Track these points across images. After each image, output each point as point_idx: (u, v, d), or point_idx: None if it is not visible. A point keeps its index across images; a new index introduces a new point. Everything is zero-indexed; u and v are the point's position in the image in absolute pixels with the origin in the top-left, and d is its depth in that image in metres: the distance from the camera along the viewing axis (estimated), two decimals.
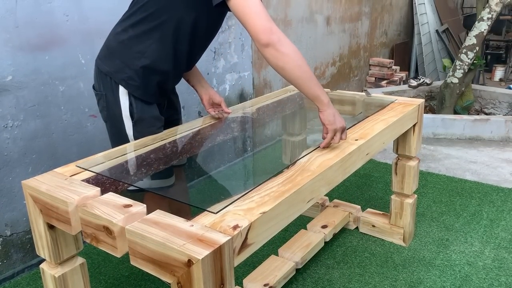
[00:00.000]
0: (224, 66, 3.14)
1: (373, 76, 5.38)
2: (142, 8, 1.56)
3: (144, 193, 1.43)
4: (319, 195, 1.41)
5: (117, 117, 1.64)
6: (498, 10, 3.90)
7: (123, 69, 1.58)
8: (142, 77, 1.59)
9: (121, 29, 1.60)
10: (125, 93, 1.60)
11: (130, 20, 1.58)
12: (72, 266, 1.37)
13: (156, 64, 1.59)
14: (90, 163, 1.45)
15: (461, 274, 2.03)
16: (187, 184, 2.12)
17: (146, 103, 1.63)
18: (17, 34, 1.96)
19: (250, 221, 1.09)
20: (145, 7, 1.55)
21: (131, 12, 1.59)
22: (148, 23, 1.56)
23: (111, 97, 1.62)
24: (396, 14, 5.95)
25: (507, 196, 2.74)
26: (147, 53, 1.57)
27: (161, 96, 1.71)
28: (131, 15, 1.59)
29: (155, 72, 1.60)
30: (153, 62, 1.58)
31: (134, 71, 1.58)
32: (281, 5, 3.64)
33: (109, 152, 1.56)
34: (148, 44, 1.56)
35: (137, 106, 1.61)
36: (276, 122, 2.46)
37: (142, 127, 1.64)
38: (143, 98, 1.62)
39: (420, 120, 2.09)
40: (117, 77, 1.59)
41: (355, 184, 2.93)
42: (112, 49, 1.62)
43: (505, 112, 4.38)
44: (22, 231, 2.14)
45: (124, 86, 1.59)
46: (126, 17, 1.62)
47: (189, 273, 0.96)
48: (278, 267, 1.94)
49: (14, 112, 2.01)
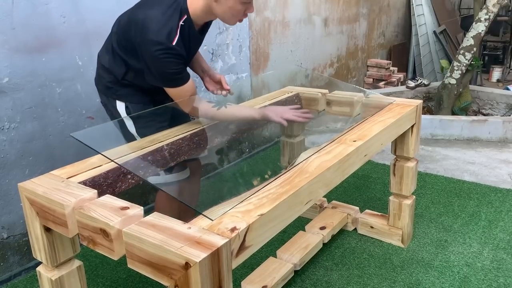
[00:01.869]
0: (222, 68, 3.14)
1: (371, 77, 5.38)
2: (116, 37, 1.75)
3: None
4: (317, 196, 1.40)
5: (120, 121, 1.81)
6: (495, 11, 3.91)
7: (111, 87, 1.79)
8: (126, 88, 1.78)
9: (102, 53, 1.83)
10: (121, 102, 1.80)
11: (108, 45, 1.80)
12: (69, 269, 1.36)
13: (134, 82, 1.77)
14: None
15: (460, 275, 2.02)
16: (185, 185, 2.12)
17: (141, 105, 1.79)
18: (14, 36, 1.96)
19: (248, 223, 1.09)
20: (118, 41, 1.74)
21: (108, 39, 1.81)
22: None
23: (110, 106, 1.83)
24: (394, 15, 5.96)
25: (505, 197, 2.74)
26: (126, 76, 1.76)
27: (158, 95, 1.79)
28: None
29: (133, 84, 1.77)
30: (132, 82, 1.77)
31: (120, 86, 1.78)
32: (279, 6, 3.64)
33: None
34: (124, 70, 1.75)
35: (132, 107, 1.78)
36: (274, 124, 2.46)
37: (142, 123, 1.78)
38: (137, 102, 1.79)
39: (418, 121, 2.09)
40: (108, 93, 1.81)
41: (354, 186, 2.93)
42: (98, 72, 1.84)
43: (502, 113, 4.39)
44: (19, 233, 2.13)
45: (117, 99, 1.80)
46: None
47: (186, 276, 0.96)
48: (277, 269, 1.93)
49: (10, 114, 2.00)
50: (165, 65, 1.59)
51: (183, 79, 1.67)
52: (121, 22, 1.72)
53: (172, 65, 1.60)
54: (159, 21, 1.57)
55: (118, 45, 1.72)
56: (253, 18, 3.38)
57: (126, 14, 1.73)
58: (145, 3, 1.68)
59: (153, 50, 1.56)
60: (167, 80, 1.65)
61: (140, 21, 1.59)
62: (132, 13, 1.68)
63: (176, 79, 1.65)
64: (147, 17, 1.58)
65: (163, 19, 1.58)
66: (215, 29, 2.95)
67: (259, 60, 3.54)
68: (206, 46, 2.94)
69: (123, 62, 1.73)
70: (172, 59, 1.59)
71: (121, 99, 1.79)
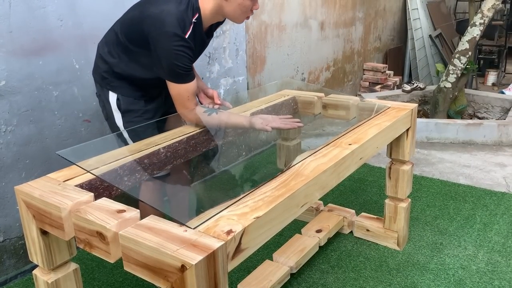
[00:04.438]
0: (219, 71, 3.15)
1: (367, 81, 5.40)
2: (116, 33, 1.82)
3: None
4: (313, 199, 1.41)
5: (110, 113, 1.89)
6: (490, 15, 3.94)
7: (106, 78, 1.85)
8: (120, 80, 1.84)
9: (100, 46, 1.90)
10: (114, 93, 1.86)
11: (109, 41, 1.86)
12: (65, 272, 1.36)
13: (126, 73, 1.83)
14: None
15: (455, 278, 2.03)
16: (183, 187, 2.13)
17: (132, 98, 1.85)
18: (11, 39, 1.96)
19: (244, 226, 1.09)
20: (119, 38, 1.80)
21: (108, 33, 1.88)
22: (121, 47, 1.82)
23: (103, 97, 1.89)
24: (390, 19, 5.99)
25: (500, 200, 2.76)
26: (119, 66, 1.83)
27: (153, 89, 1.87)
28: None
29: (128, 77, 1.83)
30: (124, 72, 1.83)
31: (114, 77, 1.84)
32: (276, 10, 3.66)
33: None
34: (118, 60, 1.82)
35: (123, 100, 1.84)
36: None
37: (130, 118, 1.86)
38: (128, 95, 1.84)
39: (413, 124, 2.10)
40: (102, 83, 1.87)
41: (350, 189, 2.94)
42: (96, 62, 1.90)
43: (497, 117, 4.41)
44: (15, 236, 2.12)
45: (110, 89, 1.85)
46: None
47: (182, 279, 0.96)
48: (273, 272, 1.94)
49: (7, 117, 2.00)
50: (178, 58, 1.66)
51: (189, 76, 1.73)
52: (131, 17, 1.78)
53: (184, 60, 1.67)
54: (175, 15, 1.64)
55: (127, 39, 1.77)
56: (250, 21, 3.40)
57: (136, 9, 1.79)
58: (157, 0, 1.73)
59: (169, 42, 1.63)
60: (175, 74, 1.70)
61: (156, 15, 1.66)
62: (145, 8, 1.73)
63: (183, 75, 1.71)
64: (163, 11, 1.65)
65: (179, 12, 1.66)
66: None
67: (256, 63, 3.56)
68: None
69: (122, 54, 1.80)
70: (185, 53, 1.66)
71: (114, 90, 1.85)
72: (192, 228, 1.08)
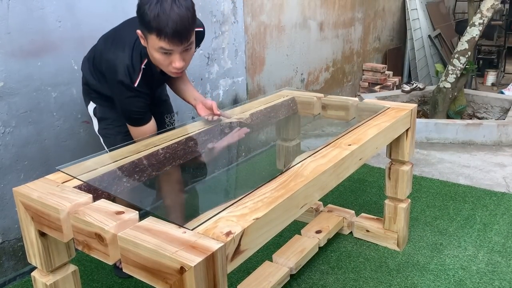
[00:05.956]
0: (218, 72, 3.14)
1: (367, 81, 5.40)
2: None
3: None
4: (313, 200, 1.40)
5: (89, 118, 2.01)
6: (489, 15, 3.93)
7: (87, 89, 1.97)
8: (97, 94, 1.94)
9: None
10: (93, 103, 1.97)
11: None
12: (64, 274, 1.36)
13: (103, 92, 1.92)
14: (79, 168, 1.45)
15: (455, 279, 2.03)
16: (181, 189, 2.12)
17: (108, 109, 1.93)
18: (9, 40, 1.96)
19: (243, 227, 1.09)
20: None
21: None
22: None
23: (85, 104, 2.02)
24: (389, 19, 5.99)
25: (500, 200, 2.75)
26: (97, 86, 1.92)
27: None
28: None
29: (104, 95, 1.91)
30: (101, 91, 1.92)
31: (92, 90, 1.95)
32: (275, 11, 3.66)
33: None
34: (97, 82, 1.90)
35: (99, 109, 1.95)
36: (270, 127, 2.46)
37: (106, 125, 1.96)
38: (104, 106, 1.94)
39: (413, 125, 2.10)
40: (85, 93, 2.00)
41: (349, 189, 2.93)
42: (83, 71, 1.99)
43: (497, 117, 4.41)
44: (14, 238, 2.12)
45: (90, 100, 1.97)
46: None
47: (181, 280, 0.96)
48: (272, 273, 1.93)
49: (6, 118, 2.00)
50: (131, 104, 1.76)
51: (143, 120, 1.81)
52: (99, 49, 1.86)
53: (137, 104, 1.76)
54: (125, 64, 1.72)
55: (98, 68, 1.87)
56: (249, 22, 3.39)
57: (103, 43, 1.85)
58: (117, 41, 1.79)
59: (120, 90, 1.74)
60: (129, 118, 1.81)
61: (111, 61, 1.74)
62: (106, 48, 1.81)
63: (136, 119, 1.80)
64: (118, 58, 1.73)
65: (130, 61, 1.73)
66: (211, 34, 2.96)
67: (255, 64, 3.55)
68: (202, 51, 2.95)
69: (101, 77, 1.87)
70: (135, 99, 1.75)
71: (93, 101, 1.97)
72: (191, 229, 1.08)
